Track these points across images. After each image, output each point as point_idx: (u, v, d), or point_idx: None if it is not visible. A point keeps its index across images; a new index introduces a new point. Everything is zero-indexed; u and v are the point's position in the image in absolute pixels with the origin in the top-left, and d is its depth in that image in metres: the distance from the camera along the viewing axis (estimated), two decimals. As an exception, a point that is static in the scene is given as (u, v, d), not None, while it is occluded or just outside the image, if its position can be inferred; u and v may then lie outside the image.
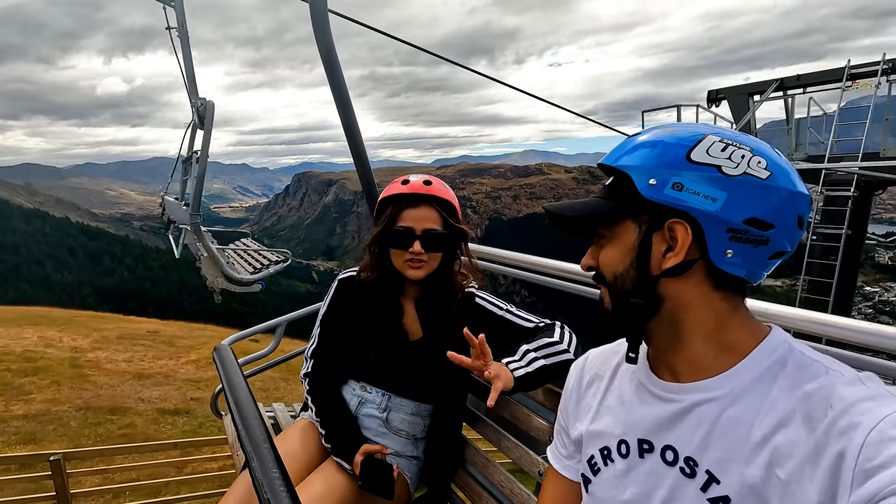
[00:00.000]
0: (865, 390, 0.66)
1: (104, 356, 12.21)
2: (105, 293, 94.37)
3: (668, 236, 0.77)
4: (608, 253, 0.85)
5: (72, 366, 11.03)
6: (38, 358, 11.27)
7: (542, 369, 1.43)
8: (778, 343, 0.76)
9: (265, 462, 0.85)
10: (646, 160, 0.79)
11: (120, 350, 12.88)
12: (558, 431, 1.07)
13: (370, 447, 1.55)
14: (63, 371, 10.68)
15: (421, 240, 1.54)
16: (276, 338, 2.52)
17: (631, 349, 0.87)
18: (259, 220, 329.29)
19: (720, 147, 0.76)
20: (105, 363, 11.61)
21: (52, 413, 8.53)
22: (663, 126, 0.84)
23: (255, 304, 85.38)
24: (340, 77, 2.28)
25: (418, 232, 1.55)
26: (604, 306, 0.88)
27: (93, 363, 11.44)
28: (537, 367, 1.42)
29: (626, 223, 0.82)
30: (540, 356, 1.45)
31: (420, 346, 1.63)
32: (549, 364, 1.44)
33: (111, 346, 13.11)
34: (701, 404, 0.77)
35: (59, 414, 8.50)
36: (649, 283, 0.79)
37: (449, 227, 1.60)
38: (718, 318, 0.78)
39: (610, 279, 0.85)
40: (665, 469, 0.80)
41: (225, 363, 1.33)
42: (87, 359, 11.73)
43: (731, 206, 0.74)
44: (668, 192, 0.76)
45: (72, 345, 12.86)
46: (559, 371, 1.44)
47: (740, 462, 0.71)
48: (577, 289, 1.79)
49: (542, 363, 1.43)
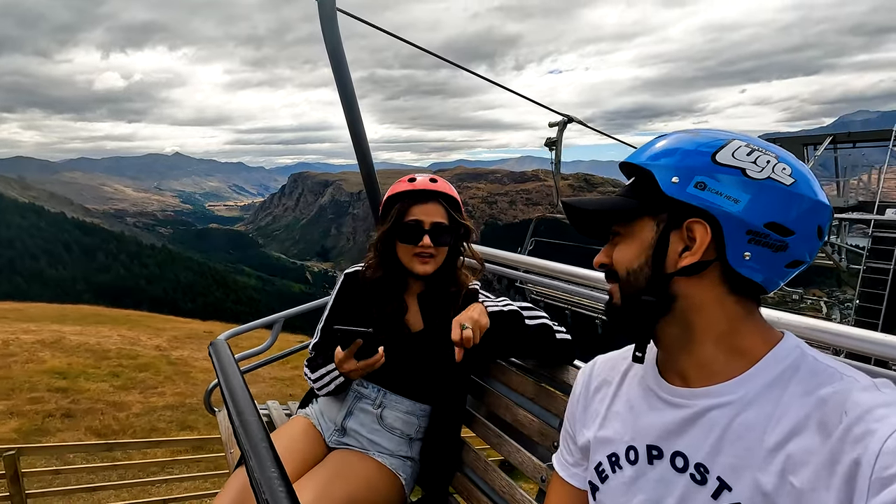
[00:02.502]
0: (881, 396, 0.65)
1: (186, 354, 13.06)
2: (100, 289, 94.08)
3: (687, 236, 0.77)
4: (623, 250, 0.84)
5: (168, 363, 11.89)
6: (135, 355, 12.08)
7: (515, 314, 1.52)
8: (790, 348, 0.75)
9: (263, 461, 0.83)
10: (670, 159, 0.79)
11: (194, 349, 13.61)
12: (564, 438, 1.05)
13: None
14: (166, 368, 11.49)
15: (430, 234, 1.58)
16: (273, 334, 2.51)
17: (638, 348, 0.87)
18: (254, 219, 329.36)
19: (746, 151, 0.76)
20: (192, 361, 12.41)
21: (187, 405, 9.31)
22: (689, 130, 0.84)
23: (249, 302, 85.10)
24: (347, 75, 2.28)
25: (427, 226, 1.59)
26: (612, 302, 0.88)
27: (183, 361, 12.30)
28: (511, 309, 1.52)
29: (644, 221, 0.82)
30: (524, 314, 1.54)
31: (420, 338, 1.64)
32: (531, 325, 1.52)
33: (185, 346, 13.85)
34: (712, 409, 0.76)
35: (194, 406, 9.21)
36: (663, 281, 0.79)
37: (455, 223, 1.64)
38: (731, 322, 0.77)
39: (623, 275, 0.84)
40: (675, 476, 0.78)
41: (221, 359, 1.31)
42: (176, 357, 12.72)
43: (752, 209, 0.73)
44: (691, 191, 0.76)
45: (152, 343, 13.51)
46: (540, 338, 1.52)
47: (753, 469, 0.70)
48: (579, 292, 1.78)
49: (518, 312, 1.52)
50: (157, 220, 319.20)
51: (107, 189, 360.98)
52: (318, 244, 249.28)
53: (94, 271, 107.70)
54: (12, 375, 10.33)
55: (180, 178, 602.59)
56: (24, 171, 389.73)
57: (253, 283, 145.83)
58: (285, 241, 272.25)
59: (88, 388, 10.06)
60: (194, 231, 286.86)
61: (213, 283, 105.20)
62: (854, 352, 1.09)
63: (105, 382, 10.54)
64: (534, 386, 1.56)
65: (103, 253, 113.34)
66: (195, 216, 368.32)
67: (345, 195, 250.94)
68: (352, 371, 1.51)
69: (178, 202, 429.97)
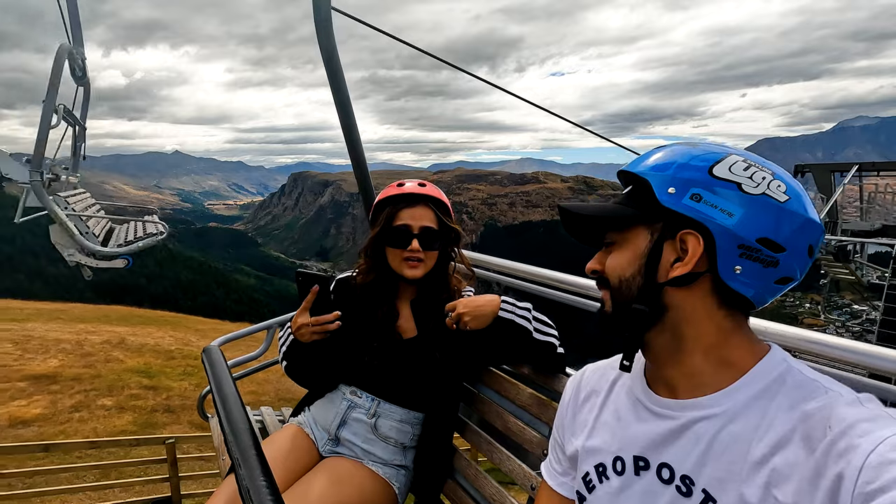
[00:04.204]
0: (865, 411, 0.65)
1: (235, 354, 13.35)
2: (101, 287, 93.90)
3: (680, 247, 0.78)
4: (616, 258, 0.85)
5: None
6: (196, 356, 12.35)
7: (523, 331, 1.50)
8: (777, 362, 0.76)
9: (252, 469, 0.83)
10: (667, 169, 0.79)
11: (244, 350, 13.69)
12: (553, 446, 1.06)
13: None
14: None
15: (419, 238, 1.58)
16: (266, 340, 2.50)
17: (626, 357, 0.87)
18: (253, 218, 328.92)
19: (743, 166, 0.77)
20: None
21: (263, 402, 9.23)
22: (688, 142, 0.85)
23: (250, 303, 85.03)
24: (341, 78, 2.27)
25: (416, 230, 1.59)
26: (603, 309, 0.88)
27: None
28: (521, 325, 1.49)
29: (638, 229, 0.82)
30: (534, 326, 1.52)
31: (413, 345, 1.64)
32: (538, 340, 1.50)
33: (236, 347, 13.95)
34: (698, 421, 0.77)
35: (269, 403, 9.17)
36: (654, 290, 0.79)
37: (444, 227, 1.64)
38: (720, 335, 0.78)
39: (615, 283, 0.84)
40: (661, 487, 0.79)
41: (214, 365, 1.30)
42: (231, 357, 12.83)
43: (746, 223, 0.74)
44: (687, 202, 0.76)
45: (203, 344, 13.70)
46: (540, 353, 1.53)
47: (738, 482, 0.70)
48: (570, 299, 1.78)
49: (527, 330, 1.50)
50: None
51: (106, 187, 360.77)
52: (317, 244, 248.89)
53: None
54: (102, 374, 11.01)
55: (180, 176, 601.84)
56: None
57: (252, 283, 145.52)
58: (284, 241, 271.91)
59: (172, 386, 10.61)
60: (193, 230, 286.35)
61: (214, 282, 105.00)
62: (842, 363, 1.09)
63: (184, 381, 11.04)
64: (525, 394, 1.56)
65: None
66: (194, 215, 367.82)
67: (344, 195, 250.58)
68: (303, 326, 1.51)
69: (178, 200, 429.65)
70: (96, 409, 9.47)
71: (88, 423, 8.92)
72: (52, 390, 9.88)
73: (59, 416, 8.95)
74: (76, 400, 9.65)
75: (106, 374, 11.01)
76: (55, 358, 11.63)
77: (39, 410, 8.99)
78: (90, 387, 10.28)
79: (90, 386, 10.33)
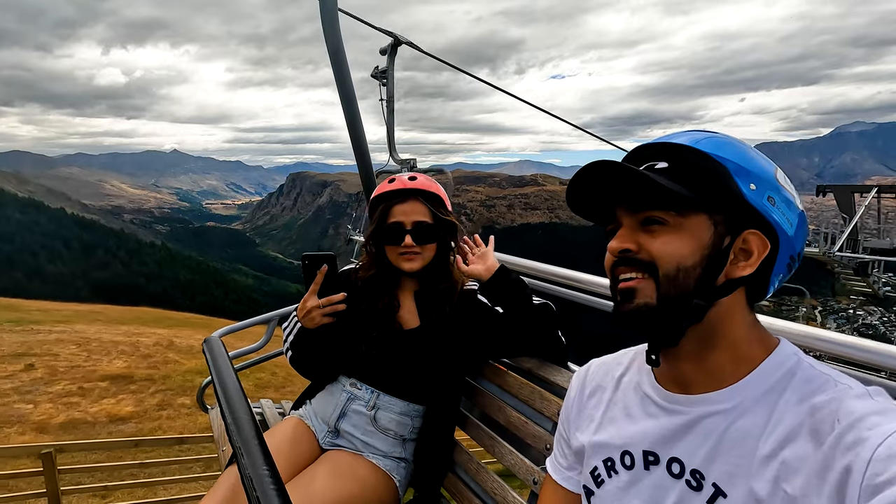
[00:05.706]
0: (874, 404, 0.65)
1: None
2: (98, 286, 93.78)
3: (740, 245, 0.76)
4: (673, 243, 0.76)
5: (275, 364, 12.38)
6: None
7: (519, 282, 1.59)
8: (787, 356, 0.75)
9: (255, 458, 0.83)
10: (744, 163, 0.76)
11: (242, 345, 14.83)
12: (558, 441, 1.05)
13: None
14: (277, 369, 12.32)
15: (411, 233, 1.60)
16: (267, 332, 2.50)
17: (653, 350, 0.82)
18: (251, 218, 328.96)
19: (788, 181, 0.79)
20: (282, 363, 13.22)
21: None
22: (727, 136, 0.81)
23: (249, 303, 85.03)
24: (347, 75, 2.29)
25: (408, 226, 1.60)
26: (637, 300, 0.78)
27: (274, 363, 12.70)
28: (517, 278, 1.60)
29: (698, 216, 0.76)
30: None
31: (414, 336, 1.64)
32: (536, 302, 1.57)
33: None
34: (708, 416, 0.76)
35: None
36: (712, 285, 0.76)
37: (438, 219, 1.64)
38: (745, 329, 0.78)
39: (669, 271, 0.75)
40: (671, 482, 0.79)
41: (215, 356, 1.31)
42: (277, 358, 13.54)
43: (798, 237, 0.78)
44: (765, 203, 0.75)
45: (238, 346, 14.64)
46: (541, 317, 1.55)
47: (747, 476, 0.70)
48: (574, 295, 1.77)
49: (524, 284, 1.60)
50: (155, 217, 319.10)
51: (104, 185, 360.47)
52: (315, 244, 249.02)
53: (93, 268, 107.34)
54: (170, 375, 11.63)
55: (178, 175, 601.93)
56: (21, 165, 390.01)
57: (250, 283, 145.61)
58: (282, 241, 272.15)
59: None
60: (191, 229, 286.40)
61: (213, 282, 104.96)
62: (845, 359, 1.10)
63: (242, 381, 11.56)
64: (527, 388, 1.55)
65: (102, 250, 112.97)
66: (192, 214, 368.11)
67: (343, 196, 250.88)
68: (313, 309, 1.51)
69: (176, 199, 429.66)
70: (178, 407, 10.08)
71: (176, 420, 9.53)
72: (132, 390, 10.57)
73: (150, 414, 9.63)
74: (158, 399, 10.30)
75: (172, 375, 11.59)
76: (119, 359, 12.34)
77: (131, 408, 9.66)
78: (164, 387, 10.92)
79: (164, 386, 10.97)
